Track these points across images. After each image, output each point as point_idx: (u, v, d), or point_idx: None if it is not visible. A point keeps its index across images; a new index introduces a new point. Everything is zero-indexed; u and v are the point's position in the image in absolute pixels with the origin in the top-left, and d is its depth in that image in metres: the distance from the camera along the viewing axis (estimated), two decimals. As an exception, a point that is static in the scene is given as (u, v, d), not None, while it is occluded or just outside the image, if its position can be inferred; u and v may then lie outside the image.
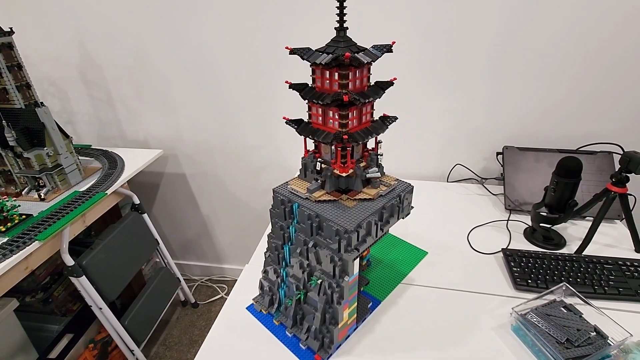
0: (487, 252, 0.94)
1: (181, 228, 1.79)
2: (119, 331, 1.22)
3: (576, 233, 1.00)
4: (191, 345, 1.58)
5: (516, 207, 1.09)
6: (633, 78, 1.06)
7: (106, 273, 1.18)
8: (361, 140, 0.63)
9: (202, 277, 1.92)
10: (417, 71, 1.17)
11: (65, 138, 1.18)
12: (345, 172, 0.65)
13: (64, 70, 1.43)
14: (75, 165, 1.21)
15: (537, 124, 1.17)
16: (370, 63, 0.62)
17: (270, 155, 1.46)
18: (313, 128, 0.67)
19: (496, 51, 1.10)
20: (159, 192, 1.68)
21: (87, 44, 1.36)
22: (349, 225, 0.60)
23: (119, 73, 1.40)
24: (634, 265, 0.84)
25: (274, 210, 0.72)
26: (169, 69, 1.35)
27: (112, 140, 1.57)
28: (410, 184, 0.72)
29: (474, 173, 1.28)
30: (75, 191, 1.15)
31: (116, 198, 1.31)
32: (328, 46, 0.60)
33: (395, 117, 0.69)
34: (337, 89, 0.60)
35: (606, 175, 1.07)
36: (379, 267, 0.91)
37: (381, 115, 0.69)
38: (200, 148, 1.51)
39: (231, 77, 1.31)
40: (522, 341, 0.69)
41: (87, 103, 1.50)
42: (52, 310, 1.37)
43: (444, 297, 0.82)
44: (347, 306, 0.67)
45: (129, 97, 1.45)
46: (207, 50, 1.28)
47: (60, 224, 0.99)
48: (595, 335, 0.66)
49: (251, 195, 1.60)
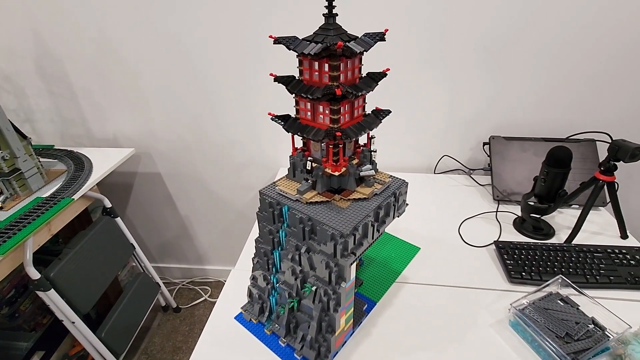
0: (479, 245, 0.93)
1: (159, 230, 1.70)
2: (95, 345, 1.14)
3: (563, 222, 1.00)
4: (175, 352, 1.51)
5: (504, 197, 1.09)
6: (620, 68, 1.07)
7: (77, 284, 1.09)
8: (354, 137, 0.59)
9: (183, 280, 1.84)
10: (403, 62, 1.13)
11: (22, 139, 1.07)
12: (338, 171, 0.60)
13: (19, 63, 1.30)
14: (36, 169, 1.10)
15: (523, 113, 1.17)
16: (363, 53, 0.58)
17: (251, 152, 1.39)
18: (301, 124, 0.62)
19: (483, 41, 1.08)
20: (132, 194, 1.58)
21: (43, 33, 1.23)
22: (345, 228, 0.56)
23: (82, 66, 1.28)
24: (622, 252, 0.85)
25: (262, 213, 0.67)
26: (138, 61, 1.24)
27: (78, 140, 1.46)
28: (405, 180, 0.69)
29: (461, 164, 1.27)
30: (38, 197, 1.05)
31: (85, 202, 1.21)
32: (316, 35, 0.55)
33: (388, 110, 0.65)
34: (327, 82, 0.56)
35: (590, 163, 1.08)
36: (371, 265, 0.88)
37: (373, 108, 0.65)
38: (175, 145, 1.42)
39: (207, 68, 1.23)
40: (522, 337, 0.68)
41: (46, 99, 1.37)
42: (19, 326, 1.26)
43: (440, 294, 0.80)
44: (344, 312, 0.63)
45: (94, 92, 1.34)
46: (179, 39, 1.18)
47: (22, 234, 0.90)
48: (593, 328, 0.65)
49: (232, 193, 1.53)
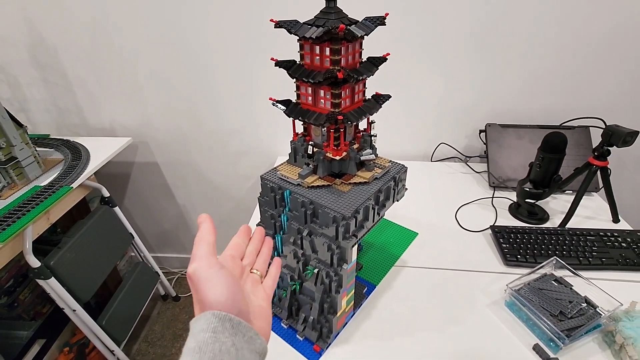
0: (476, 230, 0.94)
1: (157, 220, 1.70)
2: (96, 332, 1.15)
3: (557, 207, 1.03)
4: (175, 339, 1.53)
5: (500, 183, 1.10)
6: (613, 53, 1.08)
7: (77, 272, 1.09)
8: (355, 121, 0.60)
9: (182, 270, 1.85)
10: (399, 49, 1.13)
11: (18, 128, 1.06)
12: (339, 155, 0.61)
13: (12, 52, 1.28)
14: (33, 158, 1.09)
15: (518, 100, 1.18)
16: (363, 37, 0.58)
17: (249, 140, 1.39)
18: (302, 109, 0.62)
19: (478, 28, 1.08)
20: (129, 183, 1.57)
21: (37, 21, 1.21)
22: (346, 211, 0.57)
23: (76, 55, 1.27)
24: (614, 235, 0.87)
25: (263, 198, 0.68)
26: (133, 49, 1.23)
27: (74, 129, 1.44)
28: (404, 165, 0.70)
29: (458, 151, 1.28)
30: (36, 186, 1.04)
31: (83, 192, 1.21)
32: (317, 18, 0.55)
33: (388, 95, 0.65)
34: (328, 66, 0.56)
35: (583, 149, 1.10)
36: (370, 250, 0.89)
37: (373, 93, 0.66)
38: (172, 134, 1.42)
39: (204, 56, 1.22)
40: (517, 316, 0.70)
41: (41, 89, 1.35)
42: (19, 315, 1.27)
43: (438, 277, 0.81)
44: (345, 294, 0.65)
45: (89, 81, 1.32)
46: (175, 26, 1.17)
47: (21, 222, 0.90)
48: (586, 306, 0.67)
49: (230, 182, 1.53)
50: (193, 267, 0.33)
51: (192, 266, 0.33)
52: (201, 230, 0.37)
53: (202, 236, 0.36)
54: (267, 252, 0.47)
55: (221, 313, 0.30)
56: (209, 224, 0.38)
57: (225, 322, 0.30)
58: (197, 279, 0.32)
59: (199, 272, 0.32)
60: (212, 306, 0.31)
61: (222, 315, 0.30)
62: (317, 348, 0.66)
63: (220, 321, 0.30)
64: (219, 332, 0.29)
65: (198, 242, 0.36)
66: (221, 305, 0.31)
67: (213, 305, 0.31)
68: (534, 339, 0.66)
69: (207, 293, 0.32)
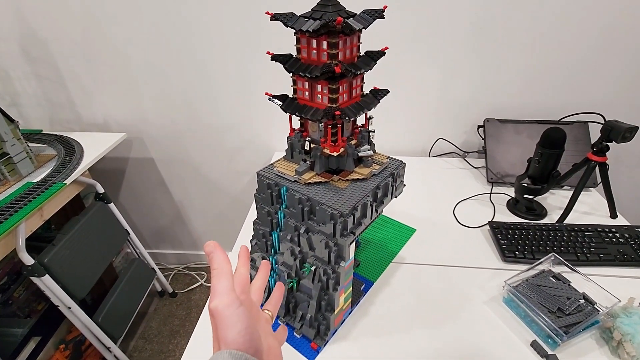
0: (474, 226, 0.94)
1: (152, 216, 1.68)
2: (92, 329, 1.14)
3: (555, 202, 1.02)
4: (172, 336, 1.53)
5: (498, 179, 1.10)
6: (613, 49, 1.07)
7: (72, 270, 1.08)
8: (353, 116, 0.59)
9: (178, 266, 1.84)
10: (396, 43, 1.12)
11: (10, 123, 1.04)
12: (336, 152, 0.60)
13: (2, 45, 1.25)
14: (25, 153, 1.08)
15: (517, 96, 1.17)
16: (361, 30, 0.57)
17: (245, 135, 1.38)
18: (299, 104, 0.61)
19: (477, 23, 1.07)
20: (124, 179, 1.56)
21: (27, 13, 1.18)
22: (344, 208, 0.56)
23: (68, 48, 1.24)
24: (612, 231, 0.87)
25: (260, 195, 0.67)
26: (127, 42, 1.21)
27: (67, 124, 1.42)
28: (402, 161, 0.69)
29: (456, 147, 1.27)
30: (29, 182, 1.03)
31: (77, 188, 1.19)
32: (314, 11, 0.54)
33: (386, 90, 0.64)
34: (325, 60, 0.55)
35: (582, 145, 1.10)
36: (368, 247, 0.89)
37: (372, 88, 0.64)
38: (167, 130, 1.40)
39: (199, 51, 1.20)
40: (515, 312, 0.70)
41: (33, 83, 1.33)
42: (13, 313, 1.25)
43: (435, 273, 0.81)
44: (343, 291, 0.64)
45: (82, 75, 1.30)
46: (170, 20, 1.15)
47: (14, 219, 0.89)
48: (584, 303, 0.67)
49: (226, 178, 1.52)
50: (215, 303, 0.32)
51: (214, 303, 0.33)
52: (216, 260, 0.36)
53: (221, 267, 0.35)
54: (278, 297, 0.47)
55: (238, 353, 0.31)
56: (222, 252, 0.36)
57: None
58: (219, 316, 0.32)
59: (220, 309, 0.32)
60: (229, 345, 0.31)
61: (239, 355, 0.30)
62: (315, 345, 0.65)
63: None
64: None
65: (218, 275, 0.34)
66: (239, 344, 0.31)
67: (231, 345, 0.31)
68: (532, 335, 0.66)
69: (227, 332, 0.32)
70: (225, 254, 0.37)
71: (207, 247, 0.37)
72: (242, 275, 0.40)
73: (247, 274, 0.41)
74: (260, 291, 0.44)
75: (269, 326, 0.41)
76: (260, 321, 0.39)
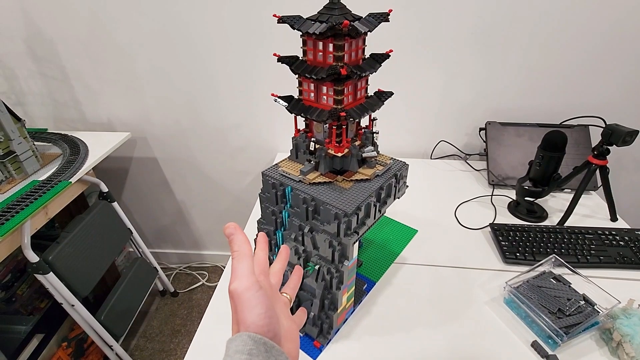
0: (475, 228, 0.95)
1: (155, 215, 1.69)
2: (95, 327, 1.15)
3: (556, 205, 1.03)
4: (173, 335, 1.53)
5: (499, 182, 1.11)
6: (614, 52, 1.08)
7: (76, 267, 1.09)
8: (357, 117, 0.59)
9: (180, 265, 1.85)
10: (399, 45, 1.13)
11: (16, 121, 1.05)
12: (341, 152, 0.61)
13: (8, 44, 1.26)
14: (31, 152, 1.09)
15: (519, 99, 1.18)
16: (366, 33, 0.58)
17: (248, 135, 1.39)
18: (305, 105, 0.62)
19: (479, 26, 1.08)
20: (128, 179, 1.57)
21: (33, 13, 1.20)
22: (348, 207, 0.57)
23: (74, 47, 1.25)
24: (612, 234, 0.88)
25: (264, 194, 0.68)
26: (131, 42, 1.22)
27: (71, 124, 1.43)
28: (405, 163, 0.70)
29: (458, 149, 1.28)
30: (34, 180, 1.04)
31: (81, 187, 1.20)
32: (321, 14, 0.55)
33: (391, 92, 0.65)
34: (331, 62, 0.56)
35: (582, 148, 1.11)
36: (370, 247, 0.89)
37: (376, 90, 0.65)
38: (171, 130, 1.41)
39: (203, 51, 1.21)
40: (515, 313, 0.71)
41: (38, 82, 1.34)
42: (17, 310, 1.26)
43: (437, 274, 0.82)
44: (346, 290, 0.65)
45: (87, 75, 1.31)
46: (174, 20, 1.16)
47: (19, 217, 0.89)
48: (584, 304, 0.68)
49: (228, 178, 1.53)
50: (235, 285, 0.33)
51: (234, 284, 0.33)
52: (237, 242, 0.36)
53: (242, 250, 0.35)
54: (296, 280, 0.47)
55: (257, 336, 0.31)
56: (242, 235, 0.37)
57: (260, 346, 0.30)
58: (238, 299, 0.33)
59: (239, 291, 0.33)
60: (248, 328, 0.32)
61: (258, 338, 0.31)
62: (318, 344, 0.66)
63: (255, 344, 0.30)
64: (254, 354, 0.30)
65: (238, 257, 0.35)
66: (258, 327, 0.32)
67: (250, 327, 0.32)
68: (533, 336, 0.67)
69: (246, 314, 0.32)
70: (246, 237, 0.37)
71: (228, 229, 0.37)
72: (261, 258, 0.41)
73: (266, 258, 0.42)
74: (279, 274, 0.44)
75: (287, 309, 0.41)
76: (279, 304, 0.39)
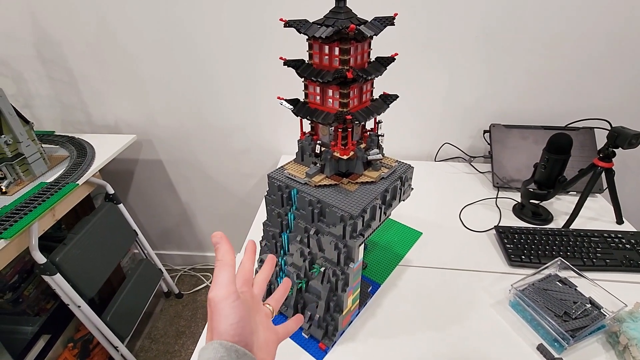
0: (480, 230, 0.95)
1: (160, 217, 1.70)
2: (100, 328, 1.16)
3: (561, 207, 1.03)
4: (178, 336, 1.54)
5: (504, 184, 1.11)
6: (620, 54, 1.08)
7: (82, 269, 1.10)
8: (363, 120, 0.60)
9: (184, 267, 1.86)
10: (404, 48, 1.13)
11: (25, 124, 1.06)
12: (346, 155, 0.62)
13: (16, 47, 1.28)
14: (39, 154, 1.10)
15: (523, 101, 1.18)
16: (372, 37, 0.58)
17: (252, 138, 1.40)
18: (310, 108, 0.62)
19: (484, 28, 1.08)
20: (133, 181, 1.58)
21: (41, 17, 1.21)
22: (354, 210, 0.57)
23: (81, 51, 1.27)
24: (618, 237, 0.87)
25: (270, 196, 0.68)
26: (137, 46, 1.23)
27: (78, 126, 1.45)
28: (410, 165, 0.70)
29: (462, 151, 1.28)
30: (42, 182, 1.05)
31: (88, 188, 1.21)
32: (327, 18, 0.55)
33: (396, 95, 0.65)
34: (337, 65, 0.56)
35: (587, 151, 1.10)
36: (375, 249, 0.89)
37: (381, 93, 0.66)
38: (176, 132, 1.42)
39: (208, 54, 1.22)
40: (521, 316, 0.71)
41: (46, 85, 1.36)
42: (23, 311, 1.27)
43: (442, 276, 0.82)
44: (351, 292, 0.65)
45: (93, 78, 1.33)
46: (180, 23, 1.17)
47: (27, 219, 0.90)
48: (590, 307, 0.68)
49: (232, 180, 1.53)
50: (213, 294, 0.34)
51: (212, 293, 0.34)
52: (221, 251, 0.37)
53: (224, 259, 0.36)
54: (282, 293, 0.48)
55: (228, 343, 0.32)
56: (227, 244, 0.37)
57: (232, 353, 0.31)
58: (215, 307, 0.33)
59: (217, 300, 0.33)
60: (221, 336, 0.32)
61: (229, 345, 0.31)
62: (323, 346, 0.66)
63: (227, 351, 0.31)
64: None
65: (220, 266, 0.35)
66: (230, 337, 0.32)
67: (222, 336, 0.32)
68: (538, 339, 0.67)
69: (220, 323, 0.33)
70: (231, 246, 0.38)
71: (214, 238, 0.38)
72: (247, 267, 0.41)
73: (252, 267, 0.42)
74: (262, 284, 0.45)
75: (269, 320, 0.42)
76: (259, 314, 0.40)
